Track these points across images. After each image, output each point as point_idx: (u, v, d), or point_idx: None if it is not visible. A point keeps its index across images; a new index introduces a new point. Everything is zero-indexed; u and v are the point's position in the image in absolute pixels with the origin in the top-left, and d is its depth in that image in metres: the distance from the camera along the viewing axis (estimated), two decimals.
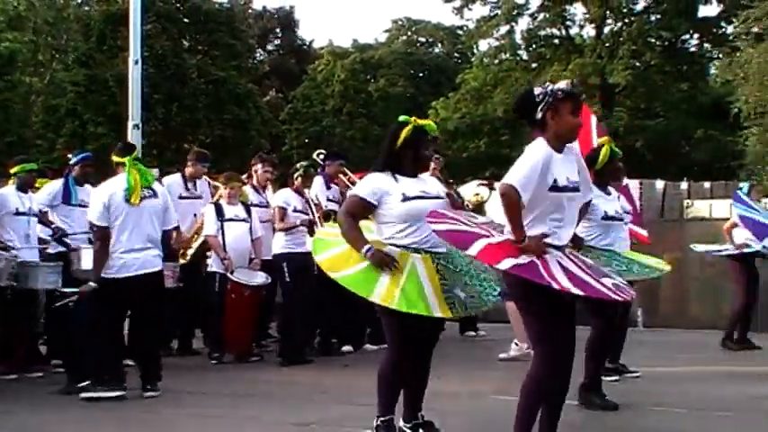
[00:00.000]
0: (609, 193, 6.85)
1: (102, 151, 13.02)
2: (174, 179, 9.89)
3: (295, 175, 9.25)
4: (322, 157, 10.04)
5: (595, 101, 36.20)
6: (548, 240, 4.57)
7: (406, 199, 5.11)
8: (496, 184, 5.42)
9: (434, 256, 5.11)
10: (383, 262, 5.00)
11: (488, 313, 7.29)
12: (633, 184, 21.15)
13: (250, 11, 44.94)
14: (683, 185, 23.84)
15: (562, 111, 4.66)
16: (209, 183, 10.11)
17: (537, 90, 4.72)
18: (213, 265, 9.23)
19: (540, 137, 4.69)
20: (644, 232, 8.04)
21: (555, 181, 4.60)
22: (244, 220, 9.27)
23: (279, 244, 9.09)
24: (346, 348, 9.68)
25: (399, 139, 5.24)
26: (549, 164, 4.59)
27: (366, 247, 5.05)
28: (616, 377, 7.65)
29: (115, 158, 7.34)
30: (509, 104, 29.36)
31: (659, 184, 22.50)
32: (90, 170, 8.44)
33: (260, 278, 9.15)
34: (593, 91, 36.58)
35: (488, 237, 4.65)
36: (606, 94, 36.62)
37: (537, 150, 4.63)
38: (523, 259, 4.46)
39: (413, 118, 5.35)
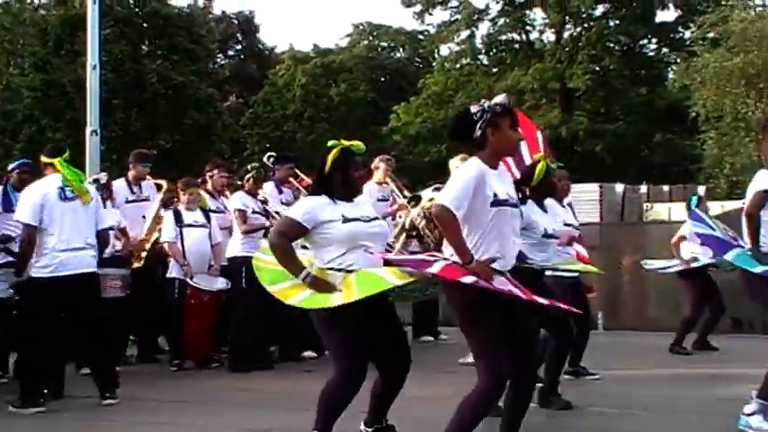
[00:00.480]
0: (545, 210, 6.86)
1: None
2: (119, 184, 9.72)
3: (246, 177, 9.19)
4: (272, 160, 9.93)
5: (555, 105, 36.48)
6: (493, 266, 4.54)
7: (346, 221, 5.00)
8: None
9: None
10: (321, 289, 4.90)
11: (449, 318, 7.29)
12: (593, 188, 21.36)
13: (210, 15, 44.72)
14: (643, 189, 24.04)
15: (502, 126, 4.64)
16: (154, 183, 9.95)
17: (474, 108, 4.67)
18: (172, 271, 9.14)
19: (476, 156, 4.65)
20: (584, 252, 8.12)
21: (495, 195, 4.57)
22: (203, 226, 9.20)
23: (236, 248, 9.01)
24: (308, 354, 9.61)
25: (327, 163, 5.15)
26: (485, 179, 4.56)
27: (304, 273, 4.94)
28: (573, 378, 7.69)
29: (44, 159, 7.21)
30: None
31: (619, 187, 22.68)
32: (27, 177, 8.13)
33: (220, 284, 9.07)
34: (553, 95, 36.86)
35: (437, 261, 4.62)
36: (566, 98, 36.89)
37: (469, 168, 4.60)
38: (470, 278, 4.43)
39: (341, 141, 5.28)
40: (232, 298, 8.99)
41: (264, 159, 9.97)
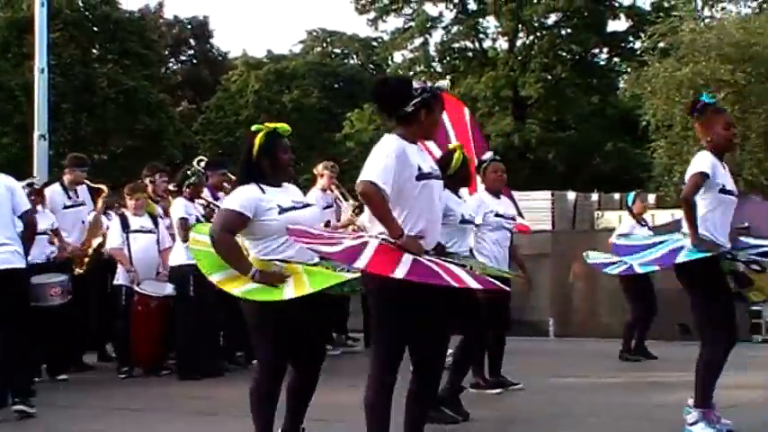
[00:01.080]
0: (460, 197, 6.89)
1: (7, 163, 12.67)
2: (55, 189, 9.43)
3: (187, 183, 9.01)
4: (203, 164, 9.73)
5: (508, 113, 36.71)
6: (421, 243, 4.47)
7: (282, 211, 4.88)
8: None
9: (316, 265, 4.92)
10: (272, 281, 4.79)
11: None
12: (545, 195, 21.52)
13: (162, 20, 44.38)
14: (594, 197, 24.28)
15: (435, 109, 4.63)
16: (90, 188, 9.75)
17: (417, 84, 4.64)
18: (119, 277, 9.00)
19: (394, 133, 4.58)
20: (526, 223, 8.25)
21: (419, 168, 4.51)
22: (150, 231, 9.08)
23: (181, 255, 8.76)
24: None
25: (254, 147, 5.04)
26: (406, 153, 4.49)
27: (252, 270, 4.81)
28: (499, 390, 7.62)
29: None
30: None
31: (570, 195, 22.88)
32: None
33: (168, 289, 8.95)
34: (506, 103, 37.08)
35: (363, 246, 4.46)
36: (518, 106, 37.15)
37: (388, 143, 4.52)
38: (407, 262, 4.32)
39: (265, 124, 5.16)
40: (179, 306, 8.84)
41: (195, 163, 9.66)
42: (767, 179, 27.53)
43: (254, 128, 5.13)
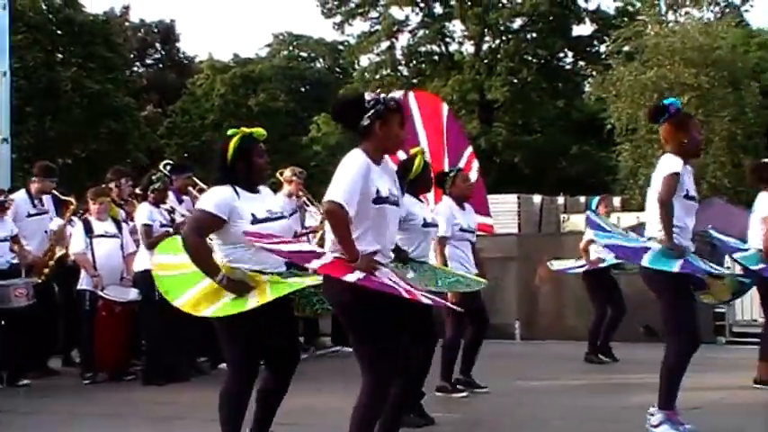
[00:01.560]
0: (421, 201, 6.94)
1: None
2: (21, 196, 9.36)
3: (152, 188, 8.97)
4: (169, 169, 9.68)
5: (474, 117, 36.82)
6: (377, 258, 4.47)
7: (256, 221, 4.87)
8: None
9: (281, 275, 4.95)
10: (238, 291, 4.80)
11: None
12: (511, 199, 21.59)
13: (127, 23, 44.07)
14: (560, 200, 24.36)
15: (391, 122, 4.56)
16: (56, 198, 9.65)
17: (369, 96, 4.58)
18: (83, 282, 8.92)
19: (359, 147, 4.57)
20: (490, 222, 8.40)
21: (378, 192, 4.48)
22: (114, 236, 9.01)
23: (146, 260, 8.78)
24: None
25: (229, 151, 5.02)
26: (369, 175, 4.47)
27: (220, 276, 4.81)
28: (465, 393, 7.64)
29: None
30: None
31: (536, 198, 22.93)
32: None
33: (131, 294, 8.89)
34: (473, 107, 37.19)
35: (321, 255, 4.51)
36: (485, 109, 37.26)
37: (354, 162, 4.50)
38: (361, 274, 4.33)
39: (241, 128, 5.14)
40: (144, 310, 8.78)
41: (161, 167, 9.67)
42: (730, 182, 27.82)
43: (229, 132, 5.11)
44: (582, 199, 25.28)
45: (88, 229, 8.91)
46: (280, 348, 5.01)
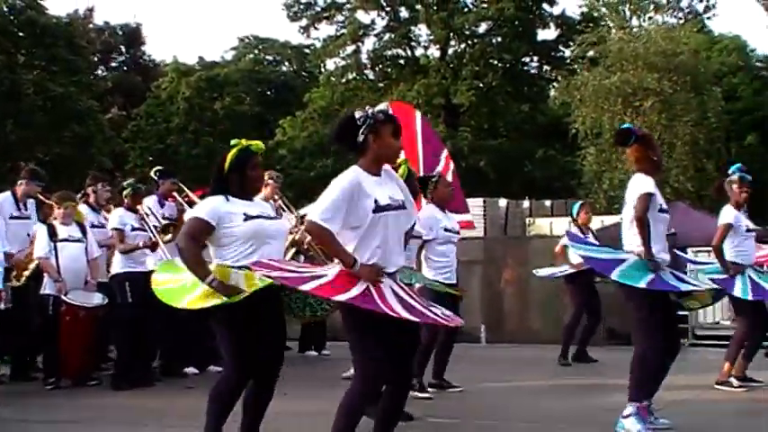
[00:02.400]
0: None
1: None
2: (5, 197, 9.42)
3: (124, 194, 9.03)
4: (158, 174, 9.82)
5: (440, 121, 36.87)
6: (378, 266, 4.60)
7: (248, 218, 5.07)
8: None
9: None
10: (227, 293, 4.95)
11: (337, 331, 7.27)
12: (477, 202, 21.64)
13: (91, 25, 43.69)
14: (525, 204, 24.45)
15: (383, 133, 4.71)
16: (39, 201, 9.66)
17: (358, 114, 4.74)
18: (46, 287, 8.84)
19: (356, 164, 4.72)
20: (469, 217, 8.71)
21: (376, 201, 4.61)
22: (78, 241, 8.94)
23: (119, 264, 8.85)
24: (190, 370, 9.46)
25: (226, 162, 5.21)
26: (361, 188, 4.61)
27: (210, 278, 4.98)
28: (428, 395, 7.68)
29: None
30: None
31: (502, 202, 23.00)
32: None
33: (96, 299, 8.83)
34: (438, 111, 37.25)
35: (321, 276, 4.62)
36: (451, 114, 37.32)
37: (343, 179, 4.65)
38: (358, 289, 4.48)
39: (241, 140, 5.31)
40: (114, 315, 8.78)
41: (152, 174, 9.90)
42: (693, 186, 28.10)
43: (232, 142, 5.30)
44: (547, 203, 25.42)
45: (52, 234, 8.83)
46: (267, 356, 5.11)
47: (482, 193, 23.79)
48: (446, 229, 7.80)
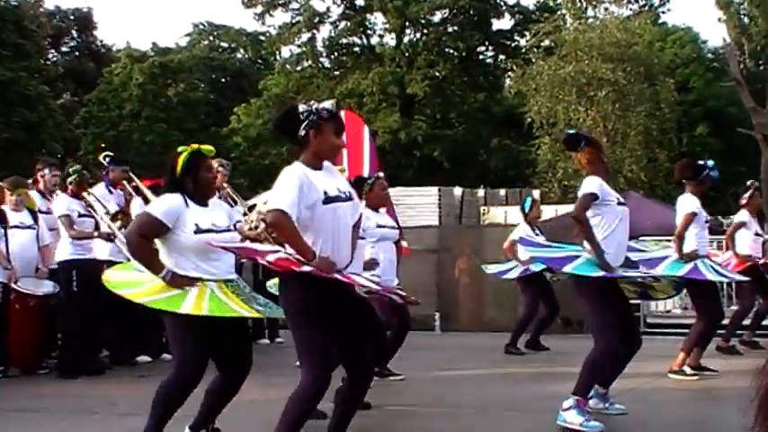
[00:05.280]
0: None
1: None
2: None
3: (69, 180, 8.85)
4: (108, 160, 9.64)
5: (395, 110, 36.88)
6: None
7: (198, 231, 4.94)
8: None
9: (226, 283, 5.01)
10: (183, 284, 4.87)
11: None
12: (432, 191, 21.67)
13: (41, 9, 43.04)
14: (480, 192, 24.52)
15: (325, 130, 4.66)
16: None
17: (302, 108, 4.69)
18: None
19: (298, 159, 4.68)
20: (405, 244, 8.67)
21: (325, 193, 4.58)
22: (30, 227, 8.80)
23: (66, 251, 8.69)
24: (142, 358, 9.36)
25: (177, 167, 5.09)
26: (310, 180, 4.57)
27: (165, 270, 4.89)
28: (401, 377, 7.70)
29: None
30: None
31: (457, 191, 23.04)
32: None
33: (46, 287, 8.70)
34: (393, 100, 37.24)
35: (276, 251, 4.61)
36: (405, 103, 37.33)
37: (292, 172, 4.60)
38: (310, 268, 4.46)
39: (190, 145, 5.22)
40: (61, 302, 8.65)
41: (101, 158, 9.66)
42: (646, 176, 28.40)
43: (179, 149, 5.20)
44: (502, 192, 25.53)
45: (2, 220, 8.68)
46: (233, 352, 5.05)
47: (437, 182, 23.83)
48: (379, 225, 7.55)
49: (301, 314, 4.55)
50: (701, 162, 8.33)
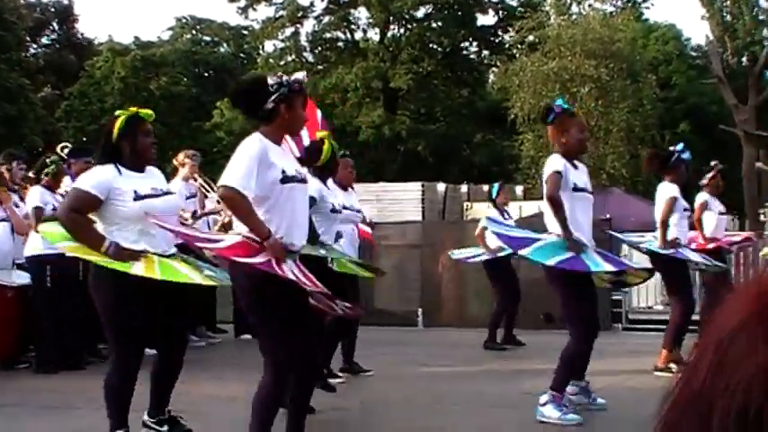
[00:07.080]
0: (329, 187, 6.94)
1: None
2: None
3: (45, 171, 8.72)
4: (67, 152, 9.40)
5: (379, 104, 36.83)
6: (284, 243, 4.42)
7: (138, 197, 4.80)
8: None
9: (172, 256, 4.90)
10: (125, 259, 4.71)
11: None
12: (415, 187, 21.63)
13: (22, 1, 42.72)
14: (463, 188, 24.48)
15: (295, 104, 4.53)
16: None
17: (271, 80, 4.52)
18: None
19: (258, 132, 4.52)
20: (368, 230, 8.65)
21: (283, 172, 4.43)
22: (4, 220, 8.70)
23: (36, 246, 8.42)
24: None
25: (114, 130, 4.95)
26: (268, 156, 4.40)
27: (107, 243, 4.71)
28: (342, 379, 7.63)
29: None
30: None
31: (440, 186, 23.00)
32: None
33: (23, 279, 8.60)
34: (377, 94, 37.18)
35: (218, 240, 4.54)
36: (389, 97, 37.27)
37: (250, 145, 4.44)
38: (262, 258, 4.29)
39: (129, 108, 5.09)
40: (37, 297, 8.54)
41: (58, 150, 9.36)
42: (628, 172, 28.44)
43: (117, 113, 5.06)
44: (485, 187, 25.47)
45: None
46: (166, 329, 4.96)
47: (420, 178, 23.80)
48: (345, 207, 7.38)
49: (255, 300, 4.45)
50: (671, 149, 8.34)
